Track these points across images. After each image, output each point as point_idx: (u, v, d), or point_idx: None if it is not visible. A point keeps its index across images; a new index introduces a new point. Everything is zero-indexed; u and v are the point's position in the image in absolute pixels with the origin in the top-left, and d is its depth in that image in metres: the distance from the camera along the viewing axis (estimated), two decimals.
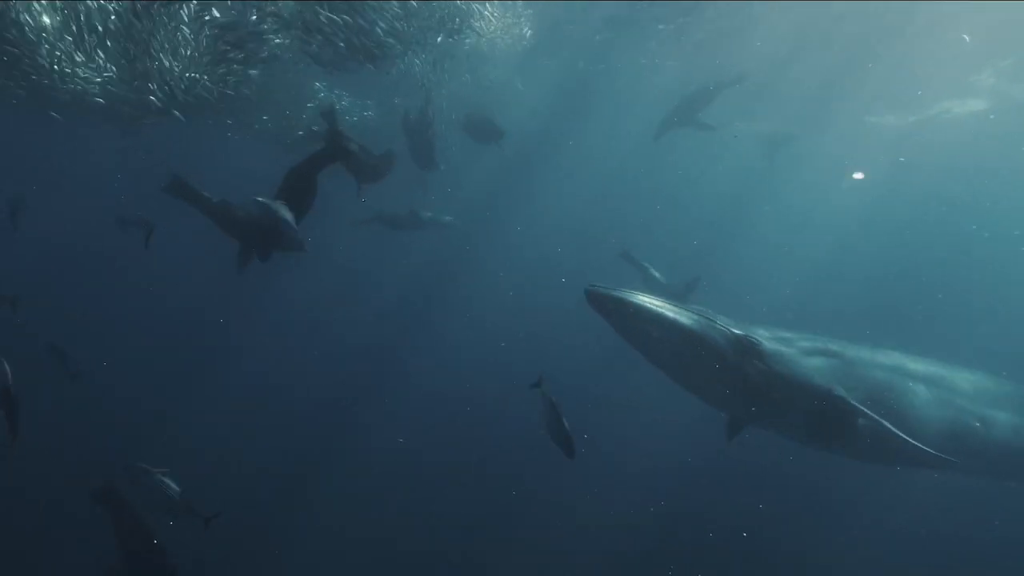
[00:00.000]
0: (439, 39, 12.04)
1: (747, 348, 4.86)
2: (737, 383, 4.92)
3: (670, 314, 4.71)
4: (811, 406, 5.08)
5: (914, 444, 4.90)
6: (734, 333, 4.85)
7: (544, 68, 19.39)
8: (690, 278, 12.83)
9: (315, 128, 10.66)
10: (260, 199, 6.57)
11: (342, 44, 10.40)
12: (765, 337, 5.15)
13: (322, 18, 9.79)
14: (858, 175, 22.27)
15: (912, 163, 25.14)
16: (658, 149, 22.01)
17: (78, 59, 10.21)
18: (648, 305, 4.72)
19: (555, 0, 14.50)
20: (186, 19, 10.02)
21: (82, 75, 10.68)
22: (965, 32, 15.91)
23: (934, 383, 5.72)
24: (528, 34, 15.15)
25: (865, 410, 4.98)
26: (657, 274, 13.14)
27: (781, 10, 15.35)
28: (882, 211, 31.46)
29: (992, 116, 20.59)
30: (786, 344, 5.23)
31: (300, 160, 6.91)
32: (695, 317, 4.79)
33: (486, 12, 12.36)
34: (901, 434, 4.87)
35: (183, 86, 10.91)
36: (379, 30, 10.42)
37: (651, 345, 4.86)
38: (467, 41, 13.48)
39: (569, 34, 17.11)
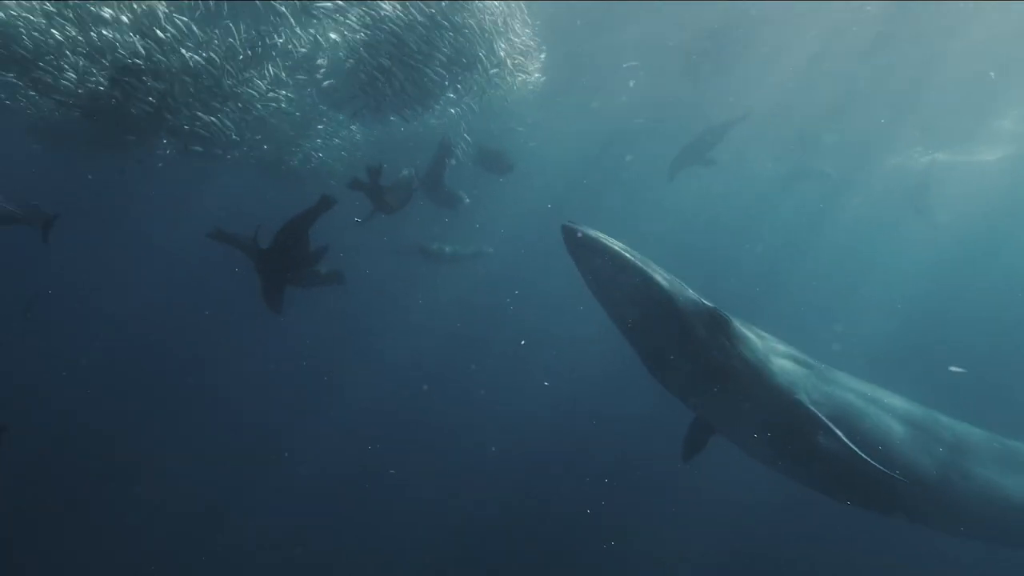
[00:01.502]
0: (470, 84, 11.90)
1: (716, 322, 4.59)
2: (699, 360, 4.59)
3: (644, 267, 4.47)
4: (769, 403, 4.75)
5: (878, 467, 4.56)
6: (705, 305, 4.61)
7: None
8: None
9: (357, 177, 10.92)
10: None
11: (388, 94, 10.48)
12: (742, 323, 4.90)
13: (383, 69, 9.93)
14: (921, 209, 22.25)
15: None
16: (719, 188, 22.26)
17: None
18: (623, 252, 4.46)
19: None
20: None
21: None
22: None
23: (915, 425, 5.36)
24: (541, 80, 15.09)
25: (822, 418, 4.65)
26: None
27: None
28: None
29: None
30: (760, 338, 4.98)
31: (294, 216, 7.45)
32: (669, 278, 4.58)
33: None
34: (860, 452, 4.53)
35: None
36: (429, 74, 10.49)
37: (617, 298, 4.54)
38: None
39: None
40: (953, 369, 11.74)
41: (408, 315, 27.48)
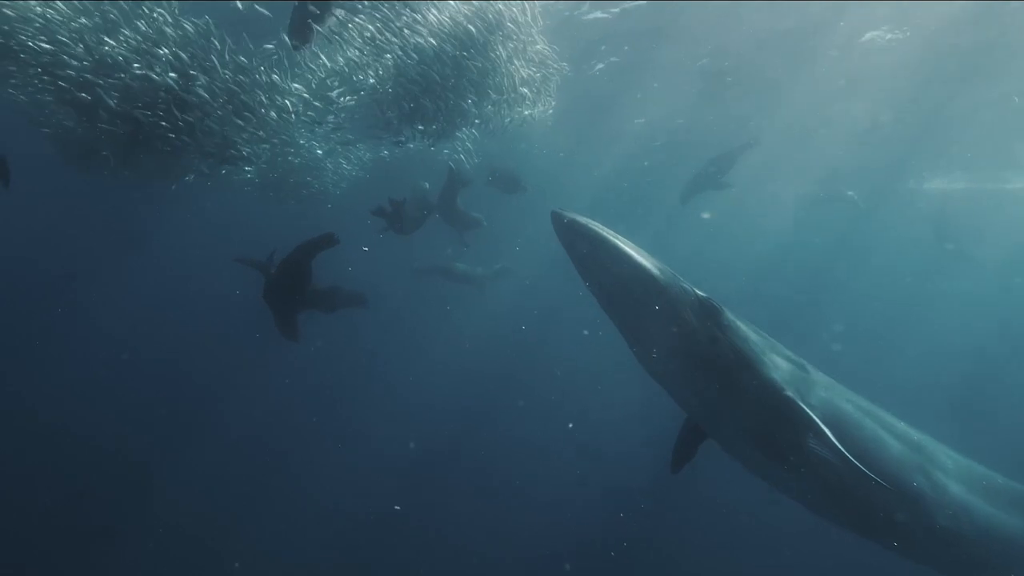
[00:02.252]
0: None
1: (707, 310, 4.54)
2: (689, 348, 4.52)
3: (634, 254, 4.44)
4: (759, 399, 4.62)
5: (865, 472, 4.38)
6: (696, 293, 4.58)
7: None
8: None
9: (381, 205, 10.98)
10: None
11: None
12: (737, 317, 4.82)
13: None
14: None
15: None
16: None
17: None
18: (613, 239, 4.45)
19: None
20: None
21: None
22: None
23: (911, 445, 5.17)
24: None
25: (812, 415, 4.50)
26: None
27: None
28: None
29: None
30: (758, 335, 4.87)
31: (296, 247, 7.63)
32: (660, 266, 4.54)
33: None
34: (849, 456, 4.36)
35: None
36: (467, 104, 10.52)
37: (607, 285, 4.53)
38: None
39: None
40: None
41: (431, 341, 27.61)
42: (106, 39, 8.50)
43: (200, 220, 24.92)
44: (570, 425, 18.08)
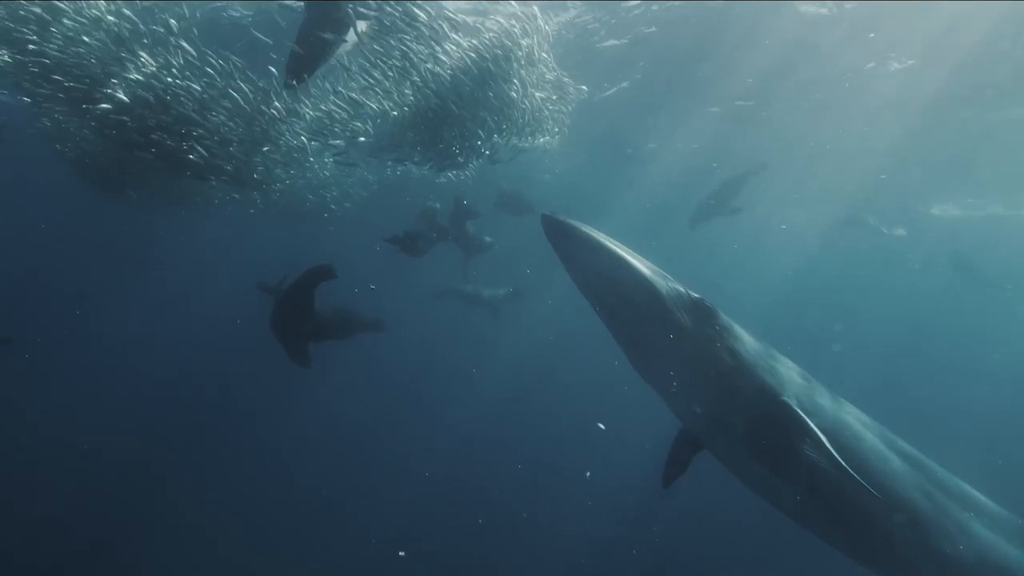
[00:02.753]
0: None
1: (701, 311, 4.51)
2: (685, 351, 4.47)
3: (626, 255, 4.41)
4: (754, 403, 4.55)
5: (865, 486, 4.27)
6: (691, 294, 4.53)
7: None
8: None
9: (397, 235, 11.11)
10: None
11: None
12: (734, 321, 4.77)
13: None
14: None
15: None
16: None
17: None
18: (604, 241, 4.42)
19: None
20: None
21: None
22: None
23: (913, 463, 5.01)
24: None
25: (808, 421, 4.40)
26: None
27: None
28: None
29: None
30: (755, 339, 4.79)
31: (292, 284, 7.76)
32: (653, 267, 4.52)
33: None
34: (846, 466, 4.24)
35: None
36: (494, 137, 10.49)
37: (601, 288, 4.48)
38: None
39: None
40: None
41: (446, 365, 27.55)
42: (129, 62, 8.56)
43: (209, 238, 25.12)
44: (587, 474, 17.87)
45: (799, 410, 4.47)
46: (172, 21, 8.41)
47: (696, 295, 4.55)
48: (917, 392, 31.40)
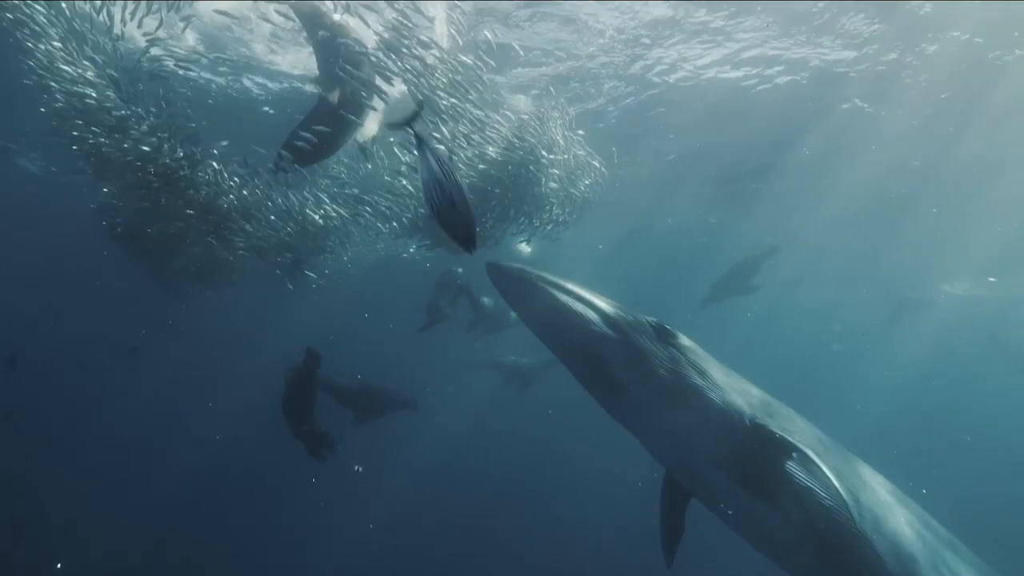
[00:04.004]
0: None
1: (662, 333, 4.42)
2: (654, 377, 4.36)
3: (578, 290, 4.36)
4: (729, 419, 4.40)
5: (845, 502, 4.20)
6: (648, 319, 4.47)
7: None
8: None
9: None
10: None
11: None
12: (697, 343, 4.64)
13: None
14: None
15: None
16: None
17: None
18: (553, 280, 4.34)
19: None
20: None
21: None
22: None
23: (898, 497, 4.89)
24: None
25: (788, 438, 4.27)
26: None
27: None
28: None
29: None
30: (722, 365, 4.66)
31: (291, 377, 8.04)
32: (607, 300, 4.44)
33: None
34: (835, 480, 4.16)
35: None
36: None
37: (557, 328, 4.38)
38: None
39: None
40: None
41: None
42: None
43: (229, 307, 25.53)
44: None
45: (773, 427, 4.37)
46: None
47: (653, 319, 4.52)
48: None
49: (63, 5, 8.13)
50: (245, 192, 9.44)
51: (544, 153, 10.27)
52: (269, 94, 14.27)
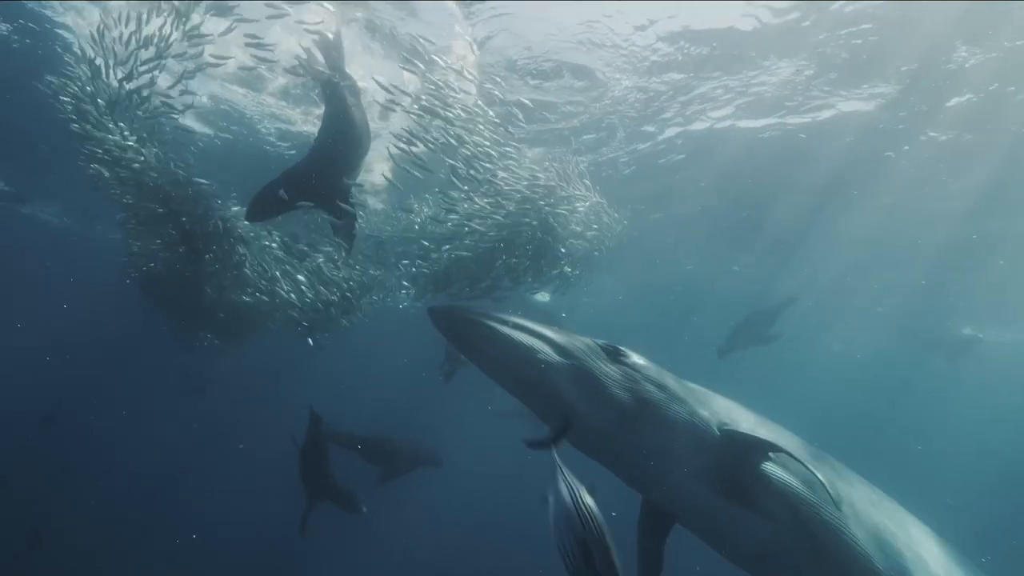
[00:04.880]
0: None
1: (615, 354, 4.30)
2: (613, 400, 4.20)
3: (526, 324, 4.25)
4: (696, 429, 4.26)
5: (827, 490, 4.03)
6: (597, 342, 4.37)
7: None
8: None
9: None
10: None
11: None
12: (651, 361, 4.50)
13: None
14: None
15: None
16: None
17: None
18: (496, 316, 4.25)
19: None
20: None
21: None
22: None
23: (890, 505, 4.76)
24: None
25: (762, 439, 4.18)
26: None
27: None
28: None
29: None
30: (691, 386, 4.52)
31: (304, 444, 8.25)
32: (555, 329, 4.32)
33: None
34: (816, 474, 4.01)
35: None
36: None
37: (509, 366, 4.22)
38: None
39: None
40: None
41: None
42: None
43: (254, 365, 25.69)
44: None
45: (746, 431, 4.27)
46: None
47: (602, 341, 4.43)
48: None
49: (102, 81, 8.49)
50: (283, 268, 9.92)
51: (566, 210, 10.41)
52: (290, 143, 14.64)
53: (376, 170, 12.17)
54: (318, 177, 6.96)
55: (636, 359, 4.44)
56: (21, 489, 17.93)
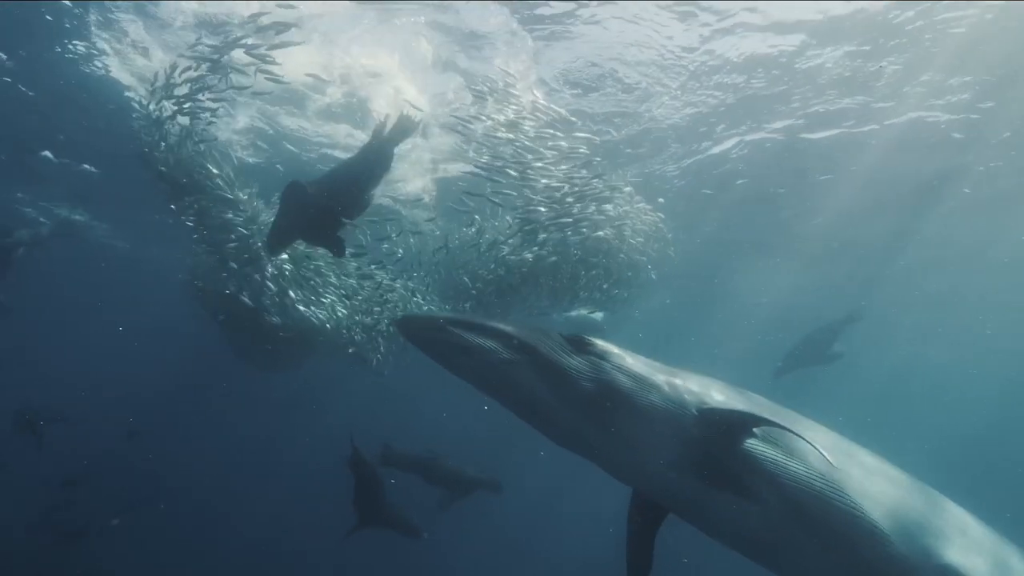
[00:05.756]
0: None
1: (578, 344, 4.23)
2: (584, 392, 4.13)
3: (486, 323, 4.24)
4: (673, 414, 4.07)
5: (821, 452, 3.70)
6: (560, 334, 4.31)
7: None
8: None
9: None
10: None
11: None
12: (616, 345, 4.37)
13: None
14: None
15: None
16: None
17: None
18: (459, 317, 4.28)
19: None
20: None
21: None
22: None
23: (893, 470, 4.32)
24: None
25: (748, 412, 3.97)
26: None
27: None
28: None
29: None
30: (664, 367, 4.35)
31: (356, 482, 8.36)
32: (517, 325, 4.31)
33: None
34: (805, 437, 3.74)
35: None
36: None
37: (476, 367, 4.24)
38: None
39: None
40: None
41: None
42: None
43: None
44: None
45: (724, 405, 4.08)
46: None
47: (565, 332, 4.37)
48: None
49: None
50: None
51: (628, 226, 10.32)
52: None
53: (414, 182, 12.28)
54: (320, 210, 6.84)
55: (602, 347, 4.31)
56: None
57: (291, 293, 9.95)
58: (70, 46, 10.62)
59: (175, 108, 8.43)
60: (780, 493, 3.91)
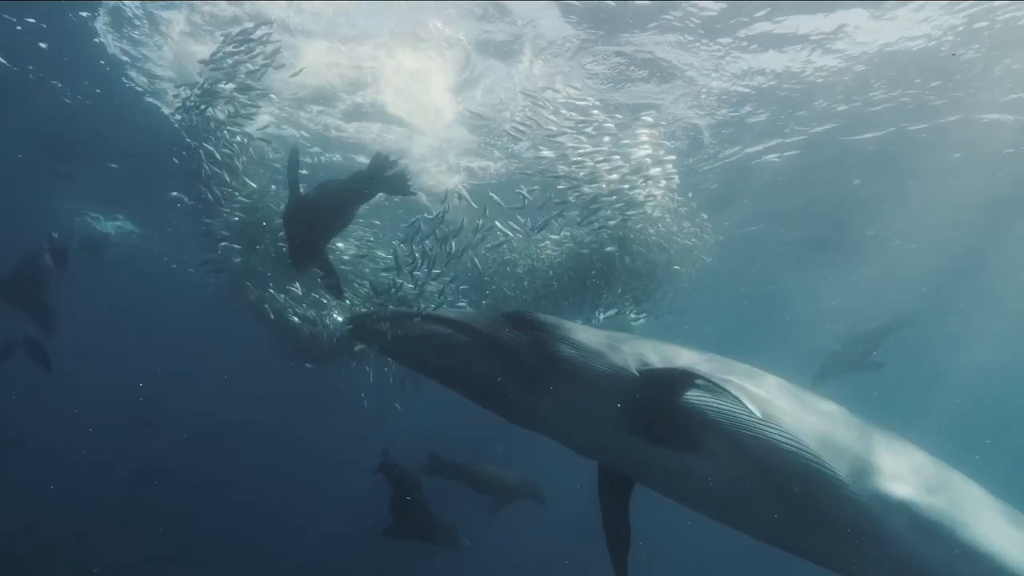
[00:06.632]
0: None
1: (520, 320, 4.27)
2: (528, 370, 4.14)
3: (433, 313, 4.44)
4: (616, 389, 4.00)
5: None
6: (503, 312, 4.40)
7: None
8: None
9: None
10: None
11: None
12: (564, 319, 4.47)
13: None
14: None
15: None
16: None
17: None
18: (402, 311, 4.54)
19: None
20: None
21: None
22: None
23: (857, 419, 4.14)
24: None
25: (684, 368, 3.93)
26: None
27: None
28: None
29: None
30: (608, 334, 4.34)
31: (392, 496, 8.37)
32: (459, 311, 4.58)
33: None
34: (744, 386, 3.76)
35: None
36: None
37: (425, 354, 4.42)
38: None
39: None
40: None
41: None
42: None
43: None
44: None
45: (658, 366, 4.02)
46: None
47: (507, 311, 4.44)
48: None
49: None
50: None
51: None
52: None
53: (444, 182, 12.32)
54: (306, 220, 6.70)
55: (544, 319, 4.37)
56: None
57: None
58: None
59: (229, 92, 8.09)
60: (726, 442, 3.83)
